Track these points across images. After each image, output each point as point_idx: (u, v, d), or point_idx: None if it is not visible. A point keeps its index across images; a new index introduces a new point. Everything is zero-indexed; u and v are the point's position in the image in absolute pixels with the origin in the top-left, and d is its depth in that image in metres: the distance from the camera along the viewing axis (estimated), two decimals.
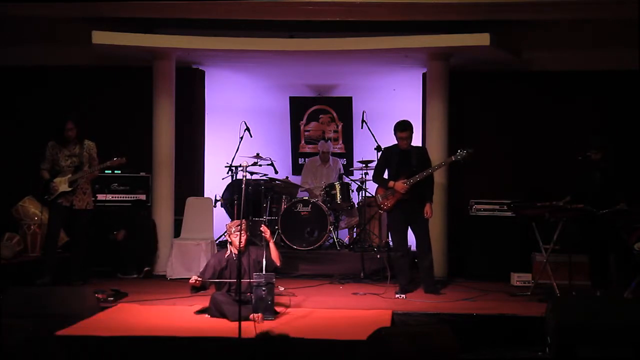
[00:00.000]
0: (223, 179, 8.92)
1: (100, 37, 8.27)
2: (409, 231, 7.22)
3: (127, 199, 8.80)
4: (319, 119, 10.25)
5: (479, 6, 7.98)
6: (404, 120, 7.12)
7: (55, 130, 7.29)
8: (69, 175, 7.19)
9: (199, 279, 6.00)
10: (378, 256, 8.10)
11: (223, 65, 9.53)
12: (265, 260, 6.02)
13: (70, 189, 7.18)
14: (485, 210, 8.33)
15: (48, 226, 7.45)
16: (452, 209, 8.50)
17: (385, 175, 7.23)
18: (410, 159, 7.06)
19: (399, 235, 7.15)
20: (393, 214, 7.14)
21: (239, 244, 5.91)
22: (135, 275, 8.29)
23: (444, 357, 2.71)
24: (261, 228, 6.27)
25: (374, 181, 7.39)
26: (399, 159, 7.10)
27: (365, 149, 9.27)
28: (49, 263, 7.27)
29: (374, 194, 7.49)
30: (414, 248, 7.54)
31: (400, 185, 6.97)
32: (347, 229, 9.16)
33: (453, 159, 7.03)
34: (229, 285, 6.05)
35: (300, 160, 10.22)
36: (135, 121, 9.11)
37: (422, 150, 7.40)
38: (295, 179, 9.68)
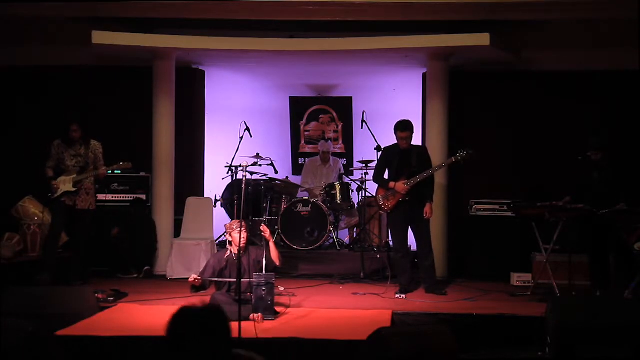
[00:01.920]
0: (223, 179, 8.92)
1: (100, 37, 8.27)
2: (409, 231, 7.22)
3: (127, 199, 8.80)
4: (319, 119, 10.25)
5: (479, 6, 7.99)
6: (405, 120, 7.11)
7: (61, 131, 7.30)
8: (74, 175, 7.19)
9: (199, 278, 5.99)
10: (378, 256, 8.11)
11: (223, 65, 9.53)
12: (265, 260, 6.02)
13: (74, 189, 7.19)
14: (485, 210, 8.34)
15: (51, 225, 7.45)
16: (452, 209, 8.50)
17: (386, 176, 7.23)
18: (410, 159, 7.04)
19: (399, 235, 7.14)
20: (394, 214, 7.13)
21: (240, 242, 5.90)
22: (135, 275, 8.29)
23: (444, 357, 2.70)
24: (261, 228, 6.27)
25: (374, 181, 7.38)
26: (399, 159, 7.09)
27: (365, 149, 9.27)
28: (48, 262, 7.26)
29: (374, 194, 7.48)
30: (414, 248, 7.54)
31: (401, 186, 6.96)
32: (347, 229, 9.16)
33: (453, 160, 7.02)
34: (229, 285, 6.04)
35: (300, 160, 10.22)
36: (136, 121, 9.11)
37: (422, 150, 7.38)
38: (295, 179, 9.68)
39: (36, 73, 9.15)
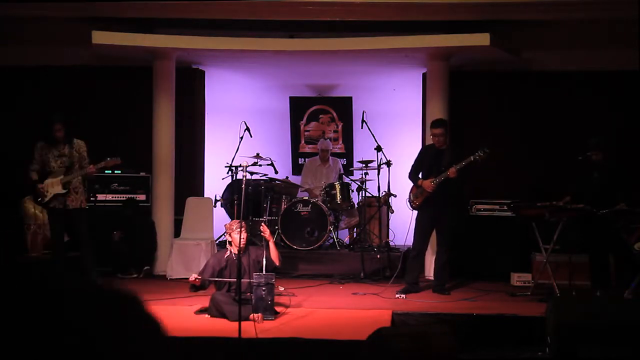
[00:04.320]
0: (223, 179, 8.92)
1: (100, 37, 8.27)
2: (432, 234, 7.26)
3: (127, 198, 8.79)
4: (319, 119, 10.25)
5: (479, 6, 7.99)
6: (438, 118, 7.24)
7: (43, 132, 7.13)
8: (61, 177, 7.02)
9: (199, 277, 6.00)
10: (378, 256, 8.11)
11: (223, 65, 9.53)
12: (265, 260, 6.02)
13: (64, 191, 7.05)
14: (485, 210, 8.34)
15: (51, 235, 7.35)
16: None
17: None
18: (442, 158, 7.06)
19: (420, 235, 7.17)
20: (420, 214, 7.17)
21: (239, 242, 5.90)
22: (135, 276, 8.29)
23: (444, 357, 2.71)
24: (261, 228, 6.27)
25: (409, 179, 7.38)
26: (432, 158, 7.12)
27: (365, 149, 9.26)
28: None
29: (409, 192, 7.43)
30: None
31: (428, 183, 7.00)
32: (347, 229, 9.16)
33: (472, 159, 6.97)
34: (229, 285, 6.05)
35: (300, 160, 10.22)
36: (135, 121, 9.11)
37: (457, 151, 7.28)
38: (295, 179, 9.68)
39: (36, 73, 9.15)
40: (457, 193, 7.13)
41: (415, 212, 7.29)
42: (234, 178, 8.62)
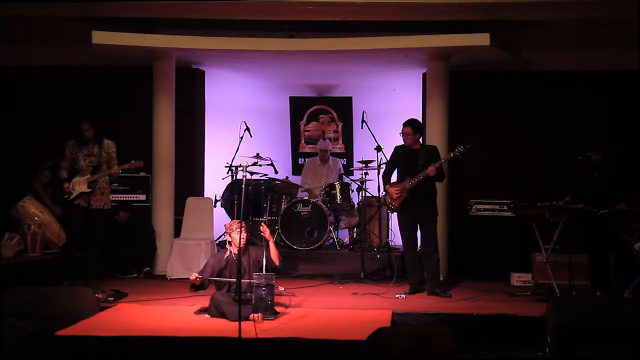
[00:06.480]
0: (223, 179, 8.93)
1: (100, 37, 8.27)
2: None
3: (127, 199, 8.78)
4: (319, 119, 10.26)
5: (479, 6, 7.99)
6: (411, 118, 7.15)
7: (72, 131, 7.15)
8: (88, 176, 7.05)
9: (200, 276, 6.00)
10: (378, 256, 8.11)
11: (223, 65, 9.54)
12: (265, 260, 6.02)
13: (89, 189, 7.05)
14: (485, 210, 8.34)
15: (68, 232, 7.31)
16: (452, 209, 8.50)
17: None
18: (417, 158, 7.04)
19: (407, 236, 7.14)
20: (401, 214, 7.15)
21: (239, 242, 5.90)
22: (135, 275, 8.29)
23: (444, 357, 2.71)
24: (261, 228, 6.27)
25: (382, 179, 7.39)
26: (407, 158, 7.10)
27: (365, 149, 9.27)
28: (68, 269, 7.08)
29: (383, 195, 7.45)
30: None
31: (391, 190, 7.01)
32: (347, 229, 9.17)
33: (452, 156, 6.99)
34: (229, 285, 6.05)
35: (300, 160, 10.23)
36: (135, 121, 9.10)
37: (432, 150, 7.26)
38: (295, 179, 9.69)
39: (36, 73, 9.15)
40: (435, 191, 7.12)
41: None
42: (234, 178, 8.63)
